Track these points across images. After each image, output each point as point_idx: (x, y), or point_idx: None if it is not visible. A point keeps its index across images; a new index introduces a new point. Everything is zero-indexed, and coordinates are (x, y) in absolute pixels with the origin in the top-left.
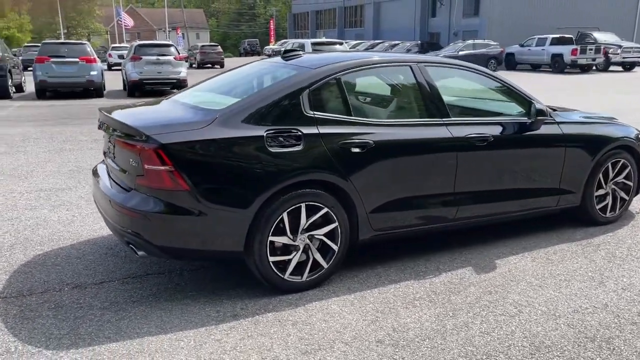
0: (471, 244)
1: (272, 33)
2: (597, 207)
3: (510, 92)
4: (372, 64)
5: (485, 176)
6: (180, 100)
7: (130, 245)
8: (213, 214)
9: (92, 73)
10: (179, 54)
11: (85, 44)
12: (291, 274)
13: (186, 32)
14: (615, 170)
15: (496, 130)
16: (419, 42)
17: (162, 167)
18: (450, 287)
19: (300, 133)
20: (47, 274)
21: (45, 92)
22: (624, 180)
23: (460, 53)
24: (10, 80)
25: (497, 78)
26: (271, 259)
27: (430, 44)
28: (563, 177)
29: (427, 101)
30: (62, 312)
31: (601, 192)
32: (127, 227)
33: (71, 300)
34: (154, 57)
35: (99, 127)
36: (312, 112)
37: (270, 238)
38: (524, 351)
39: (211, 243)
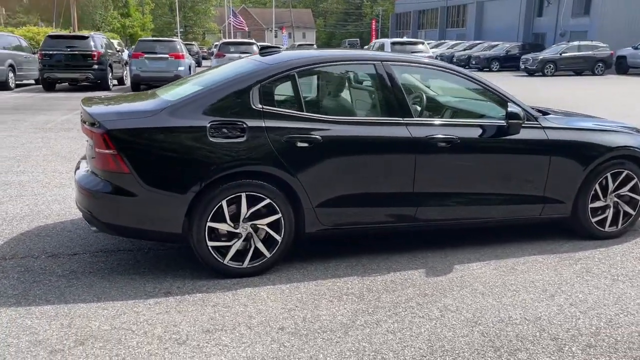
0: (440, 247)
1: (373, 33)
2: (594, 219)
3: (488, 94)
4: (332, 61)
5: (451, 179)
6: (158, 92)
7: (87, 221)
8: (152, 196)
9: (180, 68)
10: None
11: (175, 41)
12: (232, 260)
13: (293, 31)
14: (617, 182)
15: (465, 133)
16: (521, 43)
17: (107, 151)
18: (389, 286)
19: (245, 125)
20: (35, 242)
21: (139, 85)
22: (628, 194)
23: (563, 55)
24: (110, 74)
25: (475, 79)
26: (210, 243)
27: (533, 45)
28: (548, 185)
29: (388, 100)
30: (26, 275)
31: (599, 204)
32: (83, 205)
33: (40, 267)
34: (237, 55)
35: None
36: (260, 106)
37: (209, 224)
38: (417, 353)
39: (151, 223)
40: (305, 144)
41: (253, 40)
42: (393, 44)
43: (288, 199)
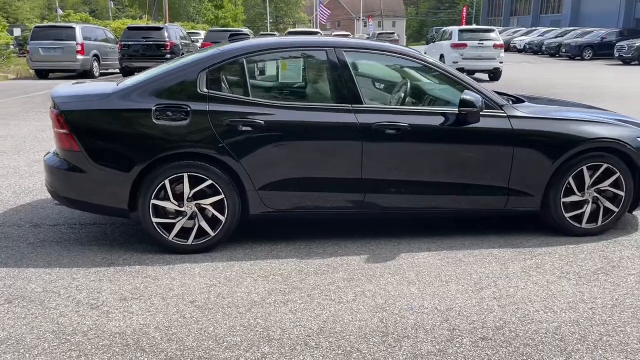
0: (397, 236)
1: (464, 20)
2: (568, 215)
3: (449, 81)
4: (282, 48)
5: (402, 166)
6: (128, 77)
7: (50, 195)
8: (99, 173)
9: None
10: None
11: (242, 31)
12: (177, 236)
13: (382, 20)
14: (595, 176)
15: (417, 120)
16: (619, 29)
17: (61, 130)
18: (320, 270)
19: (188, 109)
20: (26, 213)
21: None
22: (609, 189)
23: None
24: None
25: (435, 66)
26: (155, 220)
27: (633, 31)
28: (513, 177)
29: (337, 86)
30: (4, 241)
31: (574, 198)
32: (47, 181)
33: (18, 234)
34: None
35: None
36: (206, 90)
37: (153, 201)
38: (305, 332)
39: (100, 198)
40: (248, 128)
41: (318, 30)
42: (461, 31)
43: (231, 180)
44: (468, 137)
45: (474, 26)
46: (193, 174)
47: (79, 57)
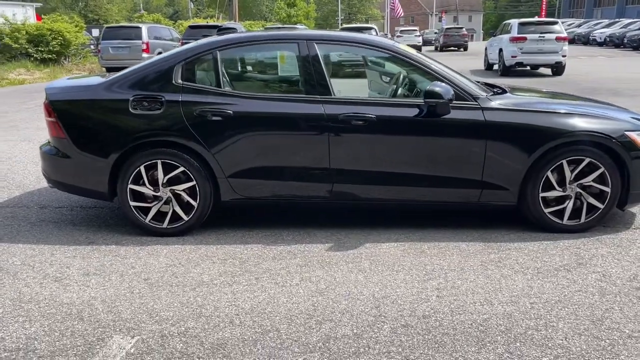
0: (368, 226)
1: (543, 13)
2: (548, 210)
3: (422, 73)
4: (255, 41)
5: (370, 157)
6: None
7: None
8: (82, 159)
9: None
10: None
11: (372, 28)
12: (153, 220)
13: (457, 15)
14: (577, 171)
15: (385, 111)
16: None
17: (50, 119)
18: (278, 256)
19: (163, 99)
20: (39, 197)
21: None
22: (593, 184)
23: None
24: None
25: (408, 57)
26: (132, 203)
27: None
28: (486, 169)
29: (307, 78)
30: (7, 220)
31: (554, 194)
32: (42, 166)
33: (24, 215)
34: None
35: None
36: (181, 82)
37: (130, 186)
38: (235, 311)
39: (84, 182)
40: (218, 118)
41: (372, 26)
42: (521, 24)
43: (202, 168)
44: (438, 128)
45: (535, 19)
46: (166, 160)
47: (144, 55)
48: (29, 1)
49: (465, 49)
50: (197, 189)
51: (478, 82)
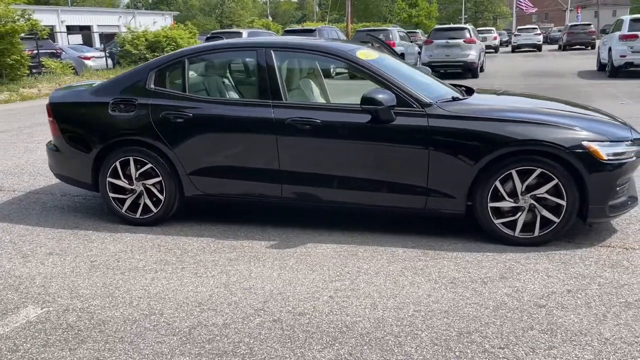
0: (320, 227)
1: None
2: (499, 221)
3: (374, 80)
4: (219, 49)
5: (317, 160)
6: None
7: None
8: (71, 154)
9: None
10: (471, 36)
11: (466, 28)
12: (128, 210)
13: (598, 9)
14: (528, 181)
15: (330, 116)
16: None
17: (49, 119)
18: (217, 249)
19: (136, 102)
20: (65, 186)
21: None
22: (547, 196)
23: None
24: None
25: (360, 65)
26: (111, 195)
27: None
28: (431, 176)
29: (261, 83)
30: (30, 204)
31: (505, 204)
32: (48, 161)
33: (44, 200)
34: (444, 41)
35: None
36: (153, 87)
37: (109, 179)
38: (145, 294)
39: (74, 174)
40: (180, 120)
41: (466, 26)
42: (634, 20)
43: (167, 165)
44: (381, 134)
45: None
46: (137, 157)
47: None
48: (168, 10)
49: (593, 47)
50: (163, 184)
51: (461, 86)
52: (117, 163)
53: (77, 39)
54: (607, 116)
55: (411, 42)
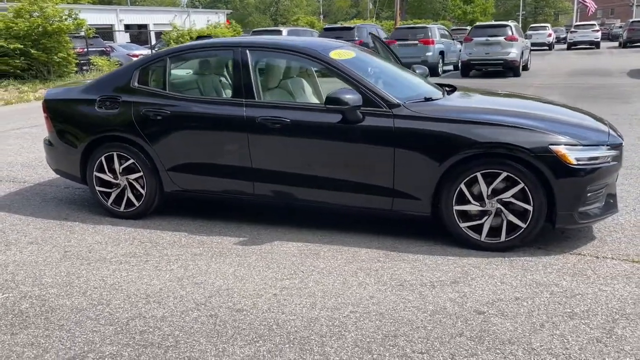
0: (291, 225)
1: None
2: (465, 224)
3: (345, 80)
4: (199, 48)
5: (286, 159)
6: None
7: None
8: (63, 148)
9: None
10: (513, 34)
11: (507, 25)
12: (113, 203)
13: None
14: (493, 185)
15: (299, 116)
16: None
17: (44, 115)
18: (188, 243)
19: (120, 100)
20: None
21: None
22: (514, 201)
23: None
24: None
25: (332, 65)
26: (98, 188)
27: None
28: (397, 178)
29: (235, 82)
30: (32, 196)
31: (471, 207)
32: (45, 155)
33: (46, 192)
34: (484, 38)
35: None
36: (137, 85)
37: (96, 173)
38: (99, 285)
39: (66, 167)
40: (159, 117)
41: (508, 23)
42: None
43: (148, 161)
44: (348, 134)
45: None
46: (120, 153)
47: None
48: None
49: None
50: (144, 179)
51: (447, 85)
52: (103, 158)
53: (125, 37)
54: (594, 118)
55: (453, 40)
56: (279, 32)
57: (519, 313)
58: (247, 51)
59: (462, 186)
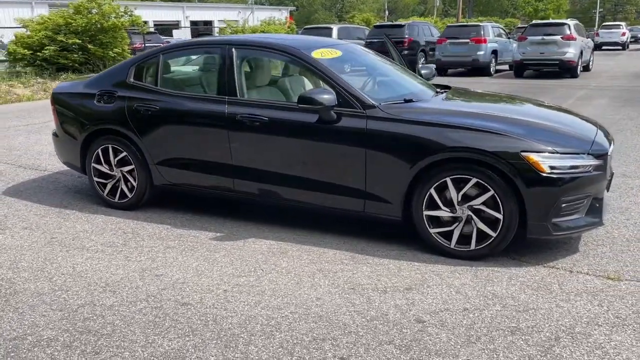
0: (273, 224)
1: None
2: (435, 231)
3: (323, 79)
4: (191, 45)
5: (264, 156)
6: None
7: None
8: (66, 139)
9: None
10: (571, 33)
11: (565, 23)
12: (109, 194)
13: None
14: (463, 191)
15: (276, 114)
16: None
17: (52, 107)
18: (164, 236)
19: (116, 94)
20: None
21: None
22: (485, 208)
23: None
24: (423, 60)
25: (310, 64)
26: (95, 179)
27: None
28: (369, 180)
29: (219, 79)
30: (43, 183)
31: (441, 214)
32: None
33: (58, 180)
34: (539, 37)
35: None
36: (132, 81)
37: (93, 164)
38: (70, 271)
39: (70, 159)
40: (148, 112)
41: (566, 21)
42: None
43: (139, 154)
44: (322, 134)
45: None
46: (114, 146)
47: None
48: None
49: None
50: (136, 171)
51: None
52: (99, 150)
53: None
54: (594, 125)
55: (509, 39)
56: (329, 30)
57: (460, 325)
58: (233, 49)
59: (432, 191)
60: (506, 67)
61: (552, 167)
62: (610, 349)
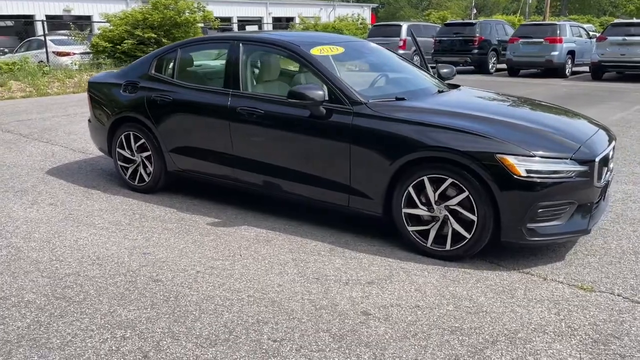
0: (272, 213)
1: None
2: (414, 229)
3: (316, 75)
4: (206, 41)
5: (259, 148)
6: None
7: None
8: (97, 125)
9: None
10: None
11: (555, 24)
12: (130, 177)
13: None
14: (439, 190)
15: (272, 107)
16: None
17: (88, 95)
18: (167, 219)
19: (139, 85)
20: None
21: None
22: (459, 209)
23: None
24: (494, 59)
25: (306, 60)
26: (120, 163)
27: None
28: (354, 176)
29: (226, 73)
30: (85, 165)
31: (419, 212)
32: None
33: (99, 163)
34: (620, 38)
35: None
36: (153, 73)
37: (118, 150)
38: (57, 254)
39: (102, 144)
40: (163, 103)
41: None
42: None
43: (155, 141)
44: (312, 128)
45: None
46: (135, 133)
47: (400, 51)
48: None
49: None
50: (152, 158)
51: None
52: (122, 136)
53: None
54: (603, 129)
55: (590, 39)
56: (399, 28)
57: (404, 320)
58: (239, 45)
59: (411, 189)
60: (586, 69)
61: (528, 171)
62: (545, 357)
